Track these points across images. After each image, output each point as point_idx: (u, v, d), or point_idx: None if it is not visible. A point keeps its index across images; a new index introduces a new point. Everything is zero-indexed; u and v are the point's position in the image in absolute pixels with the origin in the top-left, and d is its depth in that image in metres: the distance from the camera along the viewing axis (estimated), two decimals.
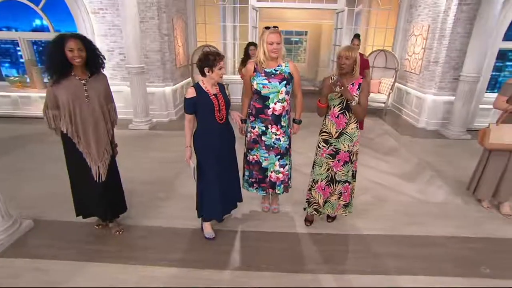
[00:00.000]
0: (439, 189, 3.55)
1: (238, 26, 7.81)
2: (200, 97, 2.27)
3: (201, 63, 2.26)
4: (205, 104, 2.29)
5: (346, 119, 2.40)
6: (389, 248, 2.57)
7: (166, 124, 5.79)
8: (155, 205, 3.11)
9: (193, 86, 2.32)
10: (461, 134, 5.24)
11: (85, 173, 2.38)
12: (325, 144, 2.51)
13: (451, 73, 5.37)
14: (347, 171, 2.54)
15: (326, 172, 2.56)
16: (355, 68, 2.34)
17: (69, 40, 2.12)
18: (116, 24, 5.53)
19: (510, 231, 2.82)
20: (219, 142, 2.42)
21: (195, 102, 2.27)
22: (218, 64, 2.23)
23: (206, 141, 2.38)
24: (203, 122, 2.36)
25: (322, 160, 2.55)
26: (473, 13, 4.99)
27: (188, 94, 2.28)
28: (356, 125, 2.45)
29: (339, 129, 2.43)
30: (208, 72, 2.25)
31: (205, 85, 2.31)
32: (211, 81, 2.31)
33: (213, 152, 2.40)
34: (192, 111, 2.32)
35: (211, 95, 2.30)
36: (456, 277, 2.28)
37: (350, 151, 2.48)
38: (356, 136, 2.46)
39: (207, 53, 2.25)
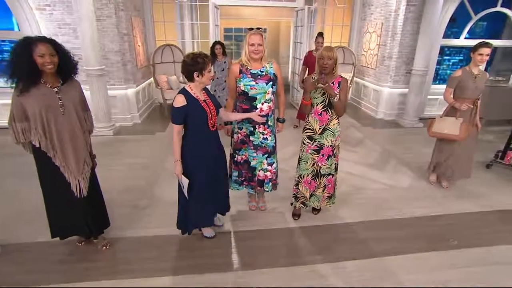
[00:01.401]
0: (404, 174, 3.91)
1: (197, 24, 7.65)
2: (190, 105, 2.11)
3: (189, 67, 2.10)
4: (196, 112, 2.15)
5: (328, 116, 2.53)
6: (372, 232, 2.79)
7: (131, 128, 5.51)
8: (137, 214, 2.98)
9: (180, 93, 2.13)
10: (415, 122, 5.79)
11: (64, 190, 2.18)
12: (309, 140, 2.63)
13: (404, 68, 5.89)
14: (331, 164, 2.68)
15: (311, 167, 2.69)
16: (335, 68, 2.46)
17: (38, 45, 1.92)
18: (67, 23, 5.08)
19: (466, 206, 3.23)
20: (211, 150, 2.32)
21: (186, 111, 2.11)
22: (207, 66, 2.13)
23: (196, 150, 2.25)
24: (193, 131, 2.21)
25: (308, 156, 2.66)
26: (419, 13, 5.51)
27: (177, 102, 2.10)
28: (338, 121, 2.59)
29: (322, 126, 2.56)
30: (198, 76, 2.12)
31: (194, 91, 2.17)
32: (200, 86, 2.19)
33: (204, 161, 2.29)
34: (182, 121, 2.14)
35: (201, 101, 2.18)
36: (431, 252, 2.56)
37: (333, 146, 2.62)
38: (338, 131, 2.61)
39: (194, 56, 2.10)
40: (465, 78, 3.17)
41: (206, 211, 2.47)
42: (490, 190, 3.56)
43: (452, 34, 6.50)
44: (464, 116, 3.22)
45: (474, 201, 3.31)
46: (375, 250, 2.55)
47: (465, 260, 2.47)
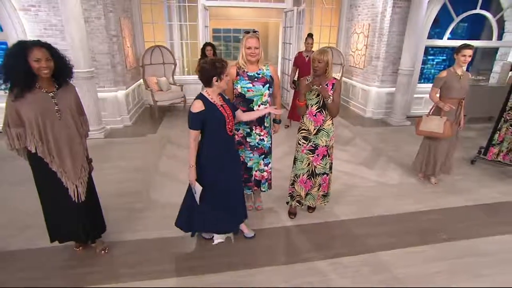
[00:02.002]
0: (394, 172, 4.04)
1: (185, 25, 7.63)
2: (208, 110, 2.10)
3: (207, 72, 2.09)
4: (214, 117, 2.14)
5: (323, 116, 2.60)
6: (366, 229, 2.88)
7: (121, 131, 5.45)
8: (134, 217, 2.98)
9: (198, 99, 2.13)
10: (402, 121, 5.96)
11: (61, 195, 2.17)
12: (304, 141, 2.69)
13: (391, 67, 6.06)
14: (325, 164, 2.75)
15: (307, 167, 2.75)
16: (328, 70, 2.51)
17: (33, 49, 1.89)
18: (53, 24, 4.98)
19: (454, 201, 3.37)
20: (228, 156, 2.32)
21: (204, 116, 2.10)
22: (225, 70, 2.13)
23: (214, 156, 2.24)
24: (211, 136, 2.19)
25: (303, 156, 2.72)
26: (405, 14, 5.68)
27: (195, 108, 2.09)
28: (332, 122, 2.67)
29: (317, 126, 2.63)
30: (217, 81, 2.11)
31: (211, 96, 2.16)
32: (218, 90, 2.19)
33: (221, 167, 2.27)
34: (200, 127, 2.14)
35: (219, 106, 2.17)
36: (422, 245, 2.67)
37: (327, 146, 2.69)
38: (332, 131, 2.68)
39: (213, 61, 2.11)
40: (450, 79, 3.31)
41: (222, 218, 2.42)
42: (475, 185, 3.73)
43: (436, 34, 6.74)
44: (449, 115, 3.36)
45: (461, 196, 3.47)
46: (369, 246, 2.64)
47: (454, 252, 2.60)
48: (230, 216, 2.46)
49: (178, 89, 6.51)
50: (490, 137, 4.04)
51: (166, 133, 5.35)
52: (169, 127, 5.69)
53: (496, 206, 3.32)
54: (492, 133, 4.02)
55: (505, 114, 3.85)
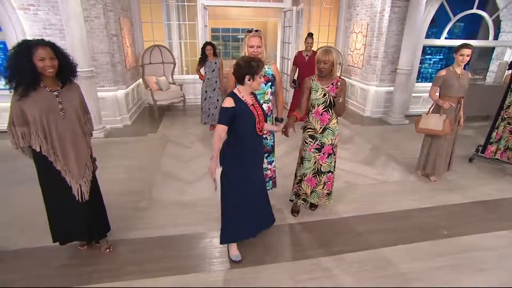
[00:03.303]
0: (394, 170, 4.08)
1: (184, 24, 7.63)
2: (239, 108, 2.09)
3: (242, 70, 2.08)
4: (244, 115, 2.12)
5: (329, 116, 2.63)
6: (368, 226, 2.91)
7: (121, 130, 5.44)
8: (138, 216, 2.98)
9: (229, 96, 2.12)
10: (401, 120, 6.02)
11: (65, 194, 2.17)
12: (311, 139, 2.71)
13: (389, 67, 6.11)
14: (330, 162, 2.78)
15: (313, 165, 2.77)
16: (333, 69, 2.53)
17: (38, 48, 1.90)
18: (53, 23, 4.96)
19: (453, 198, 3.42)
20: (254, 155, 2.29)
21: (234, 113, 2.08)
22: (260, 71, 2.10)
23: (240, 153, 2.20)
24: (240, 134, 2.16)
25: (311, 155, 2.74)
26: (403, 14, 5.73)
27: (226, 103, 2.08)
28: (337, 121, 2.70)
29: (323, 125, 2.65)
30: (249, 80, 2.10)
31: (242, 94, 2.14)
32: (249, 89, 2.17)
33: (246, 165, 2.25)
34: (229, 122, 2.10)
35: (250, 105, 2.15)
36: (424, 241, 2.71)
37: (332, 144, 2.72)
38: (337, 130, 2.71)
39: (249, 60, 2.08)
40: (450, 77, 3.36)
41: (246, 222, 2.36)
42: (473, 182, 3.78)
43: (433, 34, 6.80)
44: (448, 113, 3.41)
45: (460, 193, 3.51)
46: (372, 242, 2.67)
47: (456, 247, 2.64)
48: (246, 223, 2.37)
49: (178, 89, 6.52)
50: (487, 135, 4.10)
51: (166, 132, 5.35)
52: (169, 126, 5.69)
53: (494, 203, 3.37)
54: (489, 132, 4.07)
55: (502, 112, 3.91)
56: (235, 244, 2.44)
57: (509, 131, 3.91)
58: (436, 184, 3.71)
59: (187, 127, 5.62)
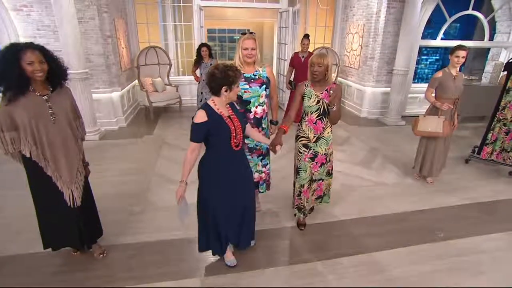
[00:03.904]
0: (391, 172, 4.07)
1: (180, 26, 7.59)
2: (212, 122, 1.92)
3: (218, 80, 1.89)
4: (219, 129, 1.94)
5: (323, 124, 2.51)
6: (364, 229, 2.89)
7: (117, 132, 5.39)
8: (133, 220, 2.95)
9: (202, 109, 1.93)
10: (397, 120, 6.02)
11: (56, 200, 2.13)
12: (305, 148, 2.57)
13: (386, 68, 6.11)
14: (323, 171, 2.67)
15: (308, 176, 2.65)
16: (327, 74, 2.41)
17: (26, 52, 1.85)
18: (46, 24, 4.89)
19: (450, 200, 3.41)
20: (232, 174, 2.09)
21: (207, 128, 1.91)
22: (238, 81, 1.94)
23: (216, 170, 2.05)
24: (214, 150, 2.02)
25: (306, 165, 2.60)
26: (399, 15, 5.73)
27: (198, 118, 1.90)
28: (331, 130, 2.59)
29: (316, 134, 2.53)
30: (226, 91, 1.92)
31: (217, 106, 1.96)
32: (226, 101, 1.99)
33: (222, 183, 2.08)
34: (202, 139, 1.95)
35: (225, 117, 1.97)
36: (420, 244, 2.70)
37: (326, 154, 2.61)
38: (331, 139, 2.61)
39: (225, 68, 1.88)
40: (445, 79, 3.35)
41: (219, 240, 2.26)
42: (470, 183, 3.78)
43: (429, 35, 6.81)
44: (445, 115, 3.40)
45: (457, 195, 3.51)
46: (369, 246, 2.65)
47: (452, 250, 2.63)
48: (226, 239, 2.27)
49: (174, 90, 6.48)
50: (483, 137, 4.10)
51: (162, 134, 5.31)
52: (165, 128, 5.65)
53: (490, 204, 3.36)
54: (485, 133, 4.07)
55: (498, 113, 3.91)
56: (229, 249, 2.40)
57: (505, 132, 3.92)
58: (433, 186, 3.70)
59: (183, 129, 5.58)
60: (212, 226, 2.18)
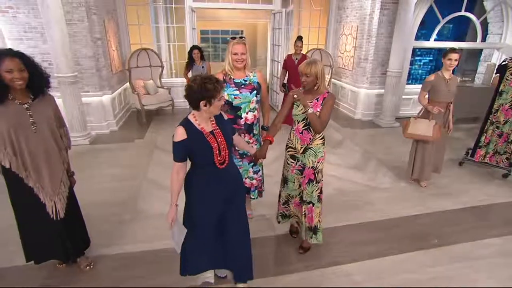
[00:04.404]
0: (385, 175, 4.04)
1: (173, 27, 7.50)
2: (192, 139, 1.76)
3: (196, 94, 1.69)
4: (200, 147, 1.79)
5: (310, 135, 2.29)
6: (358, 235, 2.85)
7: (108, 136, 5.30)
8: (122, 229, 2.87)
9: (181, 125, 1.78)
10: (391, 122, 6.00)
11: (38, 212, 2.06)
12: (293, 160, 2.41)
13: (379, 69, 6.09)
14: (311, 191, 2.38)
15: (298, 189, 2.47)
16: (318, 83, 2.21)
17: (5, 60, 1.78)
18: (33, 26, 4.78)
19: (444, 204, 3.39)
20: (219, 194, 1.90)
21: (187, 146, 1.77)
22: (218, 94, 1.73)
23: (201, 188, 1.88)
24: (199, 167, 1.87)
25: (294, 176, 2.44)
26: (392, 16, 5.71)
27: (177, 136, 1.76)
28: (322, 142, 2.34)
29: (303, 145, 2.32)
30: (206, 105, 1.72)
31: (198, 121, 1.79)
32: (207, 115, 1.80)
33: (211, 202, 1.90)
34: (183, 158, 1.82)
35: (207, 134, 1.80)
36: (415, 251, 2.66)
37: (314, 168, 2.34)
38: (321, 152, 2.34)
39: (204, 81, 1.68)
40: (438, 83, 3.33)
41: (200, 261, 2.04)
42: (464, 187, 3.76)
43: (422, 36, 6.81)
44: (437, 118, 3.38)
45: (450, 199, 3.49)
46: (362, 253, 2.61)
47: (447, 257, 2.60)
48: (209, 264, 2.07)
49: (166, 93, 6.39)
50: (477, 139, 4.09)
51: (153, 138, 5.23)
52: (156, 131, 5.56)
53: (484, 208, 3.35)
54: (478, 135, 4.07)
55: (491, 116, 3.91)
56: None
57: (498, 135, 3.91)
58: (427, 190, 3.68)
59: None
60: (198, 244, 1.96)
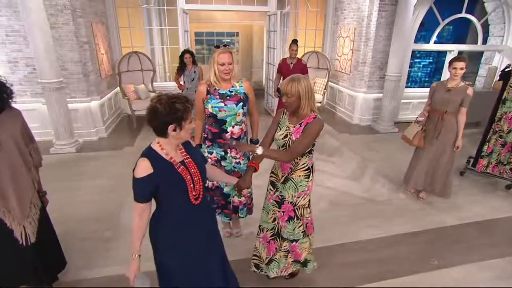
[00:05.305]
0: (383, 186, 3.85)
1: (166, 29, 7.31)
2: (160, 173, 1.43)
3: (163, 117, 1.38)
4: (170, 181, 1.47)
5: (291, 164, 1.96)
6: (351, 256, 2.67)
7: (96, 144, 5.12)
8: (102, 247, 2.70)
9: (144, 156, 1.44)
10: (390, 127, 5.82)
11: (5, 237, 1.88)
12: (272, 187, 2.11)
13: (378, 73, 5.90)
14: (293, 229, 2.04)
15: (272, 223, 2.13)
16: (302, 104, 1.82)
17: None
18: (16, 30, 4.59)
19: (444, 219, 3.21)
20: (195, 235, 1.60)
21: (154, 181, 1.43)
22: (189, 115, 1.45)
23: (172, 232, 1.56)
24: (167, 206, 1.54)
25: (269, 206, 2.13)
26: (391, 18, 5.52)
27: (140, 170, 1.41)
28: (306, 173, 1.97)
29: (284, 174, 2.01)
30: (175, 130, 1.42)
31: (165, 151, 1.48)
32: (177, 142, 1.50)
33: (187, 249, 1.59)
34: (149, 197, 1.47)
35: (177, 164, 1.50)
36: (413, 275, 2.48)
37: (294, 203, 2.00)
38: (303, 186, 1.98)
39: (171, 101, 1.38)
40: (437, 90, 3.23)
41: None
42: (465, 199, 3.58)
43: (422, 37, 6.62)
44: (428, 126, 3.29)
45: (451, 213, 3.31)
46: (355, 277, 2.44)
47: (448, 280, 2.42)
48: None
49: None
50: (479, 149, 3.92)
51: (143, 145, 4.91)
52: (147, 138, 5.37)
53: (487, 224, 3.17)
54: (480, 144, 3.89)
55: (494, 125, 3.73)
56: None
57: (501, 144, 3.74)
58: (427, 203, 3.50)
59: None
60: None
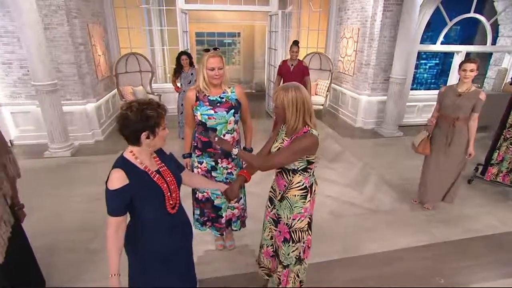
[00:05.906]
0: (386, 195, 3.67)
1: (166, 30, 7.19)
2: (136, 184, 1.38)
3: (135, 125, 1.33)
4: (147, 192, 1.42)
5: (284, 182, 1.80)
6: (352, 272, 2.51)
7: (92, 147, 5.01)
8: (88, 260, 2.57)
9: (118, 167, 1.37)
10: (395, 131, 5.62)
11: None
12: (270, 204, 1.98)
13: (382, 75, 5.70)
14: (287, 252, 1.88)
15: (270, 240, 2.02)
16: (287, 116, 1.65)
17: None
18: (10, 31, 4.50)
19: (451, 232, 3.02)
20: (173, 245, 1.57)
21: (129, 193, 1.37)
22: (163, 121, 1.40)
23: (146, 244, 1.51)
24: (142, 217, 1.48)
25: (266, 224, 2.02)
26: (396, 18, 5.32)
27: (114, 182, 1.34)
28: (302, 193, 1.77)
29: (280, 191, 1.84)
30: (148, 138, 1.38)
31: (139, 160, 1.43)
32: (150, 150, 1.46)
33: (161, 259, 1.55)
34: (124, 210, 1.40)
35: (153, 173, 1.45)
36: None
37: (289, 225, 1.83)
38: (299, 207, 1.79)
39: (143, 107, 1.33)
40: (446, 94, 3.04)
41: None
42: (473, 210, 3.38)
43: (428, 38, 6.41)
44: (437, 133, 3.11)
45: (458, 225, 3.12)
46: None
47: None
48: None
49: (156, 99, 6.07)
50: (488, 156, 3.71)
51: None
52: None
53: (497, 238, 2.97)
54: (490, 152, 3.69)
55: (504, 131, 3.53)
56: None
57: None
58: (432, 214, 3.31)
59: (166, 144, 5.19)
60: None
